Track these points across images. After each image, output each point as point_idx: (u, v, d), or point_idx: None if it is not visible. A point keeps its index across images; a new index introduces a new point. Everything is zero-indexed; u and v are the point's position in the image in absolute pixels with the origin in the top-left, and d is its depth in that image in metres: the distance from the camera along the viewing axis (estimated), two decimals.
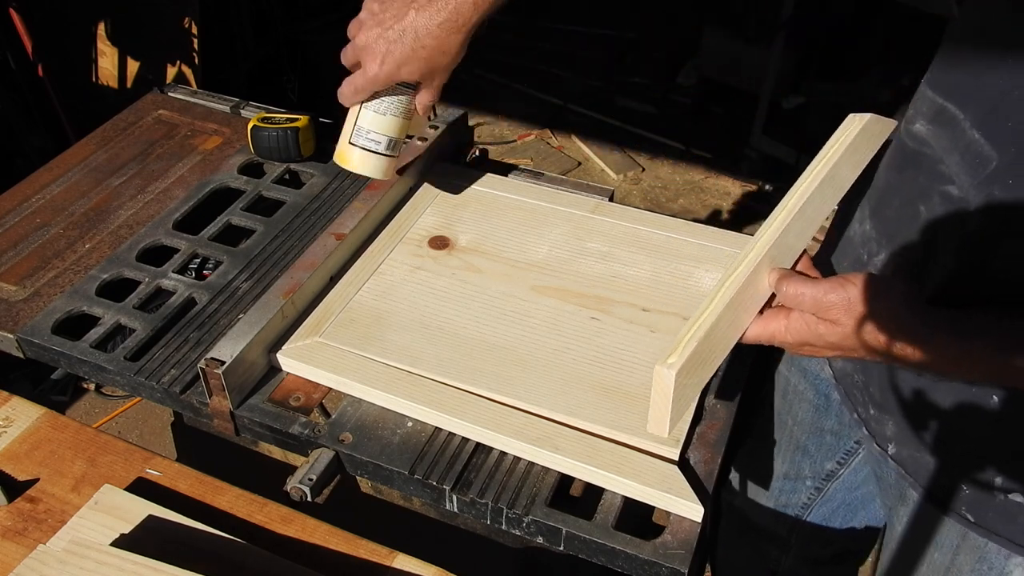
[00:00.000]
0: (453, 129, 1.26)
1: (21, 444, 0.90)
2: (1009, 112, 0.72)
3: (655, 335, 0.96)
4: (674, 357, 0.71)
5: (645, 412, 0.86)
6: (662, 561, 0.76)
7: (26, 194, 1.21)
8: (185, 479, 0.87)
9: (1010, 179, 0.71)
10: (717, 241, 1.08)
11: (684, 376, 0.71)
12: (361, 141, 0.98)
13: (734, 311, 0.75)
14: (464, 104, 1.38)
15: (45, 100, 2.49)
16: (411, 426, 0.88)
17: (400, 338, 0.95)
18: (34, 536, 0.81)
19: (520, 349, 0.94)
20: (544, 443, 0.83)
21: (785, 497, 1.20)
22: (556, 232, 1.10)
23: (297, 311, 0.97)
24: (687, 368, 0.71)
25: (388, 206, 1.13)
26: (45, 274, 1.07)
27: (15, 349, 1.00)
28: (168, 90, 1.44)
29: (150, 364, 0.94)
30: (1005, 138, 0.72)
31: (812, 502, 1.19)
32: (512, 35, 3.73)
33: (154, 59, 2.66)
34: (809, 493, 1.18)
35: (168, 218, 1.15)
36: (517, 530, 0.82)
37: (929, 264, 0.80)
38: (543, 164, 3.06)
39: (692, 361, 0.72)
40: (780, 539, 1.25)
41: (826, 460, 1.13)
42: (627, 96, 3.40)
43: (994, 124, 0.73)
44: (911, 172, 0.83)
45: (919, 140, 0.82)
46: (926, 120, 0.81)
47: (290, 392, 0.92)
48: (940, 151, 0.79)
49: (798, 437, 1.14)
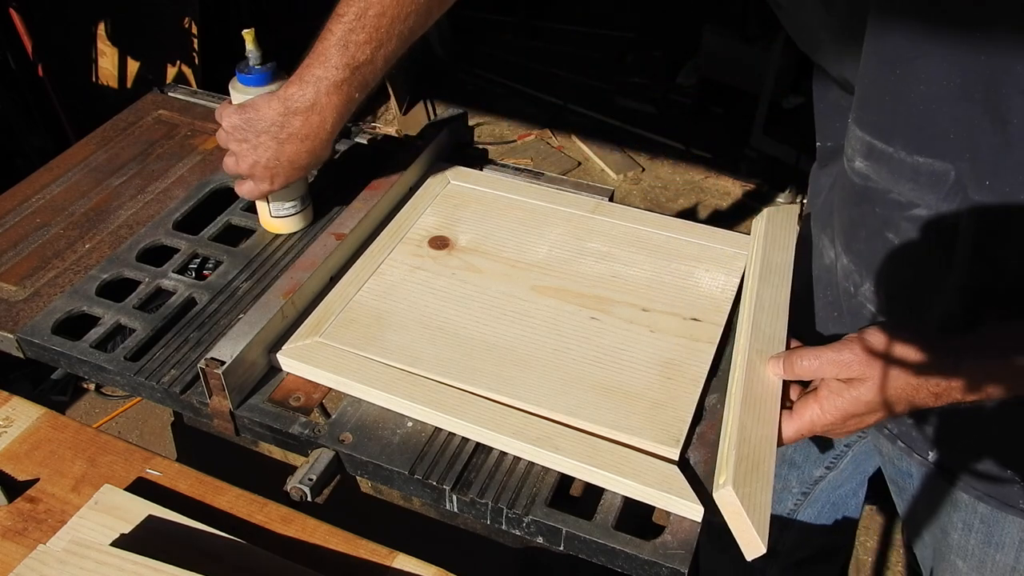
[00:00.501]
0: (453, 129, 1.26)
1: (21, 444, 0.90)
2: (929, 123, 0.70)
3: (655, 335, 0.96)
4: (723, 476, 0.73)
5: (645, 412, 0.86)
6: (662, 561, 0.76)
7: (26, 194, 1.21)
8: (185, 479, 0.87)
9: (982, 179, 0.70)
10: (717, 241, 1.08)
11: (742, 486, 0.73)
12: (280, 213, 1.11)
13: (753, 408, 0.77)
14: (464, 104, 1.39)
15: (45, 100, 2.49)
16: (411, 426, 0.88)
17: (400, 338, 0.95)
18: (34, 536, 0.81)
19: (520, 349, 0.94)
20: (544, 443, 0.83)
21: (771, 509, 1.18)
22: (556, 232, 1.10)
23: (297, 311, 0.97)
24: (740, 478, 0.73)
25: (388, 206, 1.13)
26: (45, 274, 1.07)
27: (15, 349, 1.00)
28: (168, 90, 1.44)
29: (150, 364, 0.94)
30: (946, 150, 0.71)
31: (798, 507, 1.17)
32: (512, 35, 3.73)
33: (154, 59, 2.66)
34: (796, 500, 1.17)
35: (168, 218, 1.15)
36: (517, 530, 0.82)
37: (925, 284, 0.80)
38: (543, 164, 3.06)
39: (741, 469, 0.74)
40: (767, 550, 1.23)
41: (814, 468, 1.12)
42: (627, 96, 3.40)
43: (928, 142, 0.72)
44: (867, 206, 0.82)
45: (863, 176, 0.81)
46: (862, 157, 0.80)
47: (290, 392, 0.92)
48: (886, 183, 0.78)
49: (784, 451, 1.12)
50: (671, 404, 0.87)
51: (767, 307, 0.88)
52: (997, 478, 0.86)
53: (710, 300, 1.00)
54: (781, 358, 0.80)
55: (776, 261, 0.93)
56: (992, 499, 0.88)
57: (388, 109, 3.30)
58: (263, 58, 1.00)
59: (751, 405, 0.79)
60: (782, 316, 0.86)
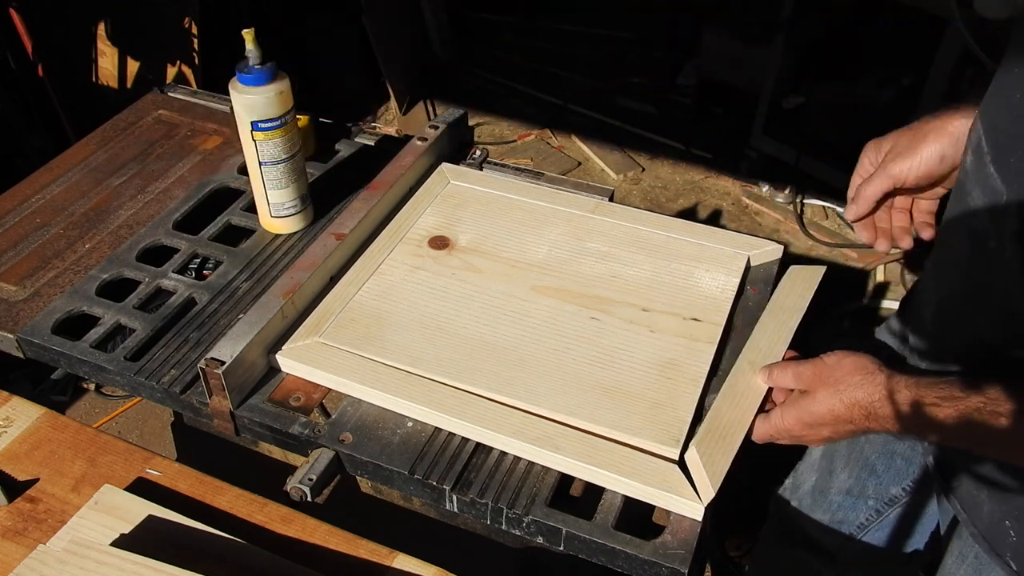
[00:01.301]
0: (453, 129, 1.26)
1: (21, 444, 0.90)
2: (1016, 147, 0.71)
3: (655, 335, 0.96)
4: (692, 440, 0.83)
5: (645, 412, 0.86)
6: (662, 561, 0.76)
7: (26, 194, 1.21)
8: (185, 479, 0.87)
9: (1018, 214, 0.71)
10: (717, 241, 1.08)
11: (704, 446, 0.81)
12: (280, 213, 1.12)
13: (732, 399, 0.87)
14: (464, 104, 1.38)
15: (45, 100, 2.49)
16: (411, 426, 0.88)
17: (400, 338, 0.95)
18: (34, 536, 0.81)
19: (520, 349, 0.93)
20: (544, 443, 0.83)
21: (843, 513, 1.18)
22: (556, 232, 1.10)
23: (297, 311, 0.97)
24: (704, 441, 0.82)
25: (388, 206, 1.13)
26: (45, 274, 1.07)
27: (15, 349, 1.00)
28: (168, 90, 1.44)
29: (150, 364, 0.94)
30: (1011, 173, 0.71)
31: (870, 523, 1.16)
32: (512, 35, 3.73)
33: (154, 59, 2.66)
34: (869, 514, 1.15)
35: (168, 218, 1.15)
36: (517, 530, 0.82)
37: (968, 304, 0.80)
38: (543, 164, 3.06)
39: (707, 437, 0.83)
40: (826, 554, 1.23)
41: (892, 484, 1.11)
42: (627, 96, 3.40)
43: (1005, 159, 0.72)
44: (953, 204, 0.83)
45: (964, 171, 0.81)
46: (971, 150, 0.80)
47: (290, 392, 0.92)
48: (971, 183, 0.78)
49: (868, 455, 1.12)
50: (671, 404, 0.87)
51: (769, 331, 0.95)
52: (990, 522, 0.86)
53: (710, 300, 1.00)
54: (767, 368, 0.88)
55: (788, 304, 0.99)
56: (984, 541, 0.88)
57: (388, 109, 3.30)
58: (263, 58, 1.00)
59: (731, 396, 0.87)
60: (782, 341, 0.94)
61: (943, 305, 0.86)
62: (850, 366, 0.78)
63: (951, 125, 0.87)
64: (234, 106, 1.03)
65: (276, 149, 1.05)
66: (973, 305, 0.80)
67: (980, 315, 0.80)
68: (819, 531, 1.21)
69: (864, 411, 0.76)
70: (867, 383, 0.76)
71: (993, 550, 0.86)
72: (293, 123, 1.06)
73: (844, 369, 0.78)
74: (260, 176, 1.07)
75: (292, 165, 1.08)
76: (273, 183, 1.08)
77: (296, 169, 1.09)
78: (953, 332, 0.85)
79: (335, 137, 1.32)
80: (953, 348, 0.85)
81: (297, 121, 1.08)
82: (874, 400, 0.76)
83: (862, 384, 0.77)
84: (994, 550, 0.86)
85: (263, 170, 1.06)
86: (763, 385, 0.88)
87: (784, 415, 0.82)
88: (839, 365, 0.79)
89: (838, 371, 0.79)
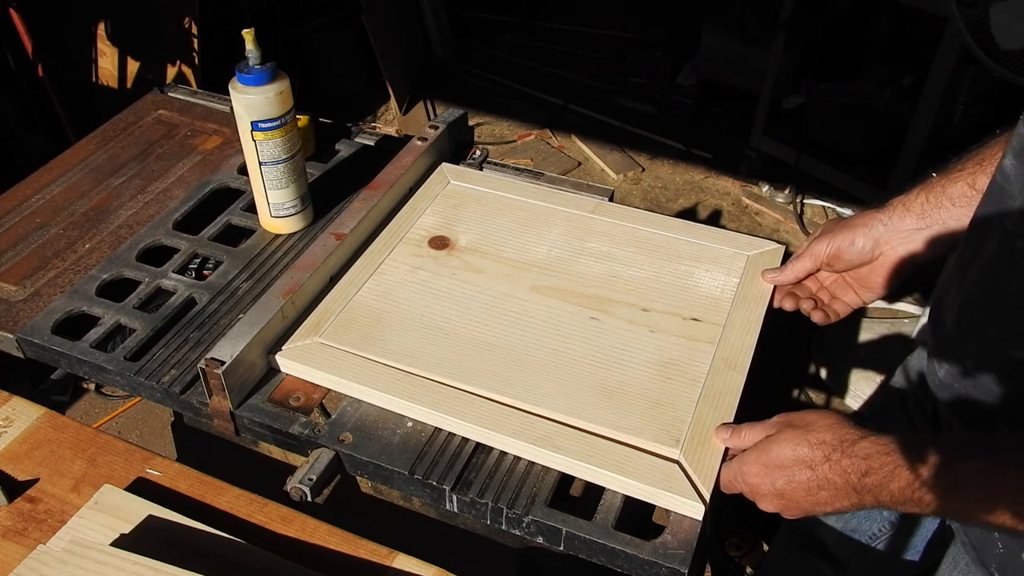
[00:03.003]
0: (453, 129, 1.26)
1: (21, 444, 0.90)
2: None
3: (655, 335, 0.96)
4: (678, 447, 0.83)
5: (645, 412, 0.86)
6: (662, 561, 0.76)
7: (26, 194, 1.21)
8: (185, 479, 0.87)
9: None
10: (717, 241, 1.08)
11: (690, 454, 0.83)
12: (280, 213, 1.12)
13: (712, 400, 0.89)
14: (464, 104, 1.39)
15: (45, 100, 2.49)
16: (411, 426, 0.88)
17: (400, 338, 0.95)
18: (34, 536, 0.81)
19: (520, 349, 0.93)
20: (544, 442, 0.83)
21: (856, 522, 1.18)
22: (556, 232, 1.10)
23: (297, 311, 0.97)
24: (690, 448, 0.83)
25: (388, 206, 1.13)
26: (45, 274, 1.07)
27: (15, 349, 1.00)
28: (168, 90, 1.44)
29: (150, 364, 0.94)
30: None
31: (882, 534, 1.16)
32: (512, 35, 3.73)
33: (154, 59, 2.66)
34: (882, 525, 1.15)
35: (168, 218, 1.15)
36: (517, 530, 0.82)
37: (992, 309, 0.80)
38: (543, 164, 3.06)
39: (693, 443, 0.84)
40: (838, 562, 1.23)
41: None
42: (627, 96, 3.40)
43: None
44: (987, 207, 0.82)
45: (1003, 174, 0.80)
46: (1013, 155, 0.79)
47: (290, 392, 0.92)
48: (1010, 184, 0.78)
49: None
50: (671, 404, 0.87)
51: (738, 325, 0.97)
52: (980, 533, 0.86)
53: (710, 300, 1.00)
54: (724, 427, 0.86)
55: (752, 292, 1.01)
56: (973, 551, 0.88)
57: (388, 109, 3.30)
58: (263, 58, 1.00)
59: (710, 398, 0.89)
60: (752, 332, 0.96)
61: (964, 308, 0.85)
62: (819, 414, 0.78)
63: (878, 218, 0.94)
64: (234, 106, 1.03)
65: (276, 149, 1.05)
66: (993, 304, 0.80)
67: (997, 316, 0.79)
68: (833, 539, 1.21)
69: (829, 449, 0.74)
70: (838, 427, 0.76)
71: (980, 560, 0.87)
72: (293, 123, 1.06)
73: (814, 415, 0.78)
74: (260, 176, 1.07)
75: (292, 165, 1.08)
76: (273, 183, 1.08)
77: (296, 169, 1.09)
78: (972, 335, 0.85)
79: (335, 137, 1.32)
80: (972, 352, 0.85)
81: (297, 121, 1.08)
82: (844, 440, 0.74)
83: (832, 427, 0.76)
84: (981, 560, 0.87)
85: (263, 170, 1.07)
86: (739, 379, 0.90)
87: (747, 458, 0.80)
88: (807, 414, 0.79)
89: (808, 417, 0.78)
